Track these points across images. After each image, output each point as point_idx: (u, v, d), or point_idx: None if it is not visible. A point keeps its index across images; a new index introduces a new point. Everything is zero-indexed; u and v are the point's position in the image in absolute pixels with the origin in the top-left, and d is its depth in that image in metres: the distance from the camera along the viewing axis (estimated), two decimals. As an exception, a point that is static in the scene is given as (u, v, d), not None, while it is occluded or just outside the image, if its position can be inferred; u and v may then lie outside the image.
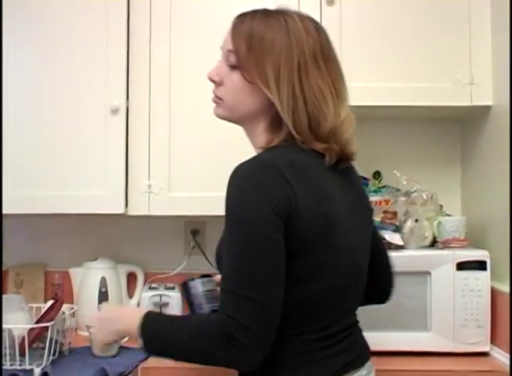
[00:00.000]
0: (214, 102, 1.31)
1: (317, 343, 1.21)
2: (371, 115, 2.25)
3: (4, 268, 2.32)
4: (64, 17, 2.05)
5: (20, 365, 1.69)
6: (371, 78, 2.03)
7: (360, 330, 1.39)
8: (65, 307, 1.88)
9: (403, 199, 2.10)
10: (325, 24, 1.94)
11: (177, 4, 2.07)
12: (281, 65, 1.20)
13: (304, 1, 2.02)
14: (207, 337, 1.14)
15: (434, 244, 2.06)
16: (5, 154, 2.00)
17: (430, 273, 1.92)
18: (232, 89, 1.26)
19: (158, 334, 1.22)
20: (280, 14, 1.25)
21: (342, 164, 1.29)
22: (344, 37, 2.00)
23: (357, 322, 1.37)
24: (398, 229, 2.04)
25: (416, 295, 1.93)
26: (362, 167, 2.28)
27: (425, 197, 2.09)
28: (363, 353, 1.35)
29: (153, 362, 1.85)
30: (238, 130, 1.37)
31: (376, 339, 1.89)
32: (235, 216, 1.15)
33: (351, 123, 1.26)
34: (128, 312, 1.41)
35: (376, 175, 2.29)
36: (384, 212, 2.10)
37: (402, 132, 2.37)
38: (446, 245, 1.99)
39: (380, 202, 2.16)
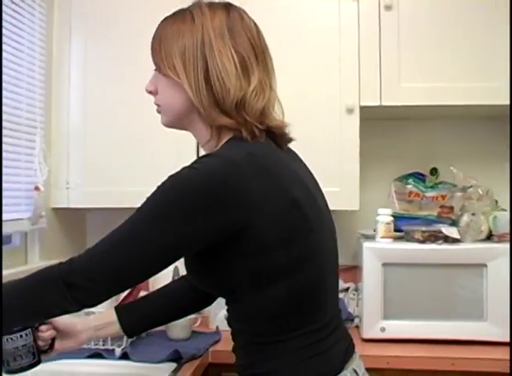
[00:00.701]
0: (157, 112, 1.30)
1: (315, 336, 1.19)
2: (429, 114, 2.32)
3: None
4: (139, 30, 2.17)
5: (103, 345, 1.80)
6: (429, 79, 2.11)
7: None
8: (142, 293, 2.01)
9: (459, 194, 2.15)
10: (383, 28, 2.10)
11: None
12: (186, 50, 1.19)
13: (363, 7, 2.11)
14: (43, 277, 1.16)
15: (489, 237, 2.09)
16: (89, 157, 2.22)
17: (486, 266, 1.97)
18: (162, 91, 1.26)
19: None
20: (187, 9, 1.24)
21: (284, 147, 1.27)
22: (401, 40, 2.10)
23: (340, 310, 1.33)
24: (454, 223, 2.09)
25: (472, 287, 1.98)
26: (419, 163, 2.39)
27: (481, 193, 2.12)
28: (351, 341, 1.31)
29: (223, 345, 1.97)
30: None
31: (433, 328, 1.98)
32: (169, 194, 1.14)
33: (263, 95, 1.21)
34: None
35: (434, 171, 2.35)
36: (441, 207, 2.16)
37: (458, 130, 2.42)
38: (502, 239, 2.03)
39: (437, 197, 2.22)
